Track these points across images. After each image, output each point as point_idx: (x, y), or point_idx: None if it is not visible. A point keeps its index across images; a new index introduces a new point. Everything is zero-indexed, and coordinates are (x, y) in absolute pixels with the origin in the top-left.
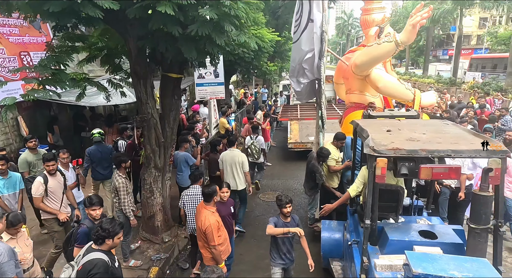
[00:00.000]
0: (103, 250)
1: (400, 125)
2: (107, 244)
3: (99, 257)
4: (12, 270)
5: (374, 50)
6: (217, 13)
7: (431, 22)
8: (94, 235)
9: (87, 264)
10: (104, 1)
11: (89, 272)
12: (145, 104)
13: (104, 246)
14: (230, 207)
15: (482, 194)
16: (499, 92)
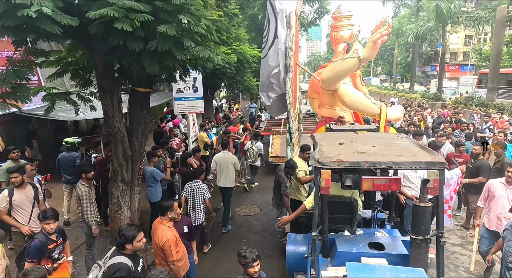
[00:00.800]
0: (127, 254)
1: (355, 139)
2: (128, 248)
3: (122, 261)
4: None
5: (338, 65)
6: (176, 30)
7: (415, 39)
8: (116, 242)
9: (111, 267)
10: (62, 17)
11: (112, 275)
12: (112, 118)
13: (126, 251)
14: (183, 226)
15: (421, 205)
16: (476, 107)
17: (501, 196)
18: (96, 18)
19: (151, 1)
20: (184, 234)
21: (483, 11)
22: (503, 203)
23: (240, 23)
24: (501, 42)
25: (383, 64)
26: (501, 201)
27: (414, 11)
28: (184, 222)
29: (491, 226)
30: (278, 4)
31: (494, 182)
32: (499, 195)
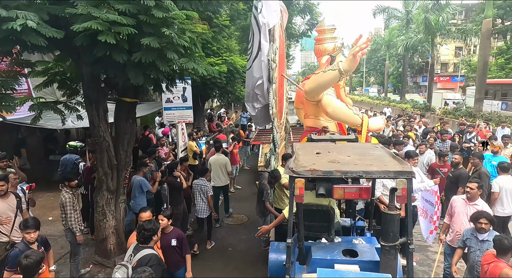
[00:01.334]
0: (151, 247)
1: (332, 149)
2: (154, 240)
3: (151, 252)
4: None
5: (320, 77)
6: (159, 42)
7: (405, 50)
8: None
9: (142, 259)
10: (47, 30)
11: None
12: (97, 128)
13: (151, 243)
14: (171, 239)
15: (389, 212)
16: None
17: (460, 212)
18: (81, 31)
19: (136, 15)
20: (172, 247)
21: (470, 24)
22: (462, 219)
23: (231, 34)
24: (487, 54)
25: (376, 74)
26: (460, 218)
27: (404, 23)
28: (174, 234)
29: (453, 243)
30: (261, 18)
31: (456, 198)
32: (458, 211)
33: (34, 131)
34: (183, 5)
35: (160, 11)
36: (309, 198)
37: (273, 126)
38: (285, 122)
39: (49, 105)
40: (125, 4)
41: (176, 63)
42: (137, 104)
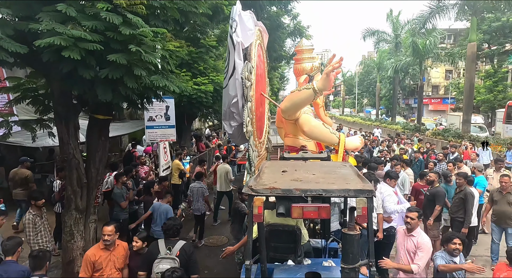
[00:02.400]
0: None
1: (300, 167)
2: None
3: (185, 242)
4: None
5: (295, 96)
6: (127, 59)
7: (395, 72)
8: (172, 231)
9: (184, 246)
10: (10, 44)
11: (192, 253)
12: (67, 145)
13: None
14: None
15: (349, 233)
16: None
17: (399, 245)
18: (47, 46)
19: (103, 32)
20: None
21: (457, 48)
22: (400, 253)
23: (219, 55)
24: (472, 76)
25: (368, 96)
26: (399, 250)
27: (394, 46)
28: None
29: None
30: (235, 37)
31: (399, 229)
32: (398, 243)
33: (14, 150)
34: (155, 23)
35: (127, 28)
36: (275, 218)
37: (249, 144)
38: (266, 141)
39: (18, 122)
40: (92, 21)
41: (146, 80)
42: (125, 122)
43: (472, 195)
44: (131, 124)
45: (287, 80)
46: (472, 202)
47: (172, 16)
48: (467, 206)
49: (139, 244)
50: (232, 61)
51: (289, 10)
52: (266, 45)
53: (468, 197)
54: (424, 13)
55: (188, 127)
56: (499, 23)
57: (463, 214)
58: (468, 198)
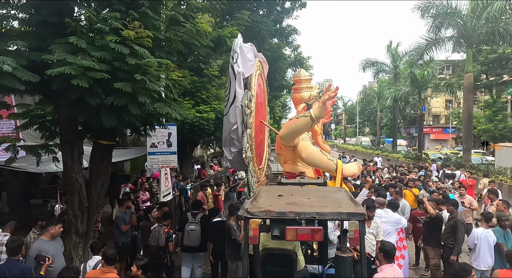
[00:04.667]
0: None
1: (295, 191)
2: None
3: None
4: None
5: (293, 123)
6: (132, 87)
7: (394, 101)
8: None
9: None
10: (23, 73)
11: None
12: (71, 169)
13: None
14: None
15: (341, 255)
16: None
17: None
18: (57, 75)
19: (111, 61)
20: None
21: (455, 79)
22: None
23: (221, 84)
24: (470, 106)
25: (370, 125)
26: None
27: (393, 77)
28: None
29: None
30: (236, 67)
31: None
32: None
33: (17, 175)
34: (160, 54)
35: (134, 58)
36: (272, 242)
37: (249, 170)
38: (266, 168)
39: (24, 147)
40: (101, 51)
41: (149, 107)
42: (128, 149)
43: (463, 223)
44: (134, 151)
45: (289, 109)
46: (463, 230)
47: (176, 48)
48: (457, 234)
49: (134, 270)
50: (233, 89)
51: (290, 42)
52: (266, 75)
53: (458, 225)
54: (421, 45)
55: (190, 154)
56: (495, 55)
57: (453, 241)
58: (458, 226)
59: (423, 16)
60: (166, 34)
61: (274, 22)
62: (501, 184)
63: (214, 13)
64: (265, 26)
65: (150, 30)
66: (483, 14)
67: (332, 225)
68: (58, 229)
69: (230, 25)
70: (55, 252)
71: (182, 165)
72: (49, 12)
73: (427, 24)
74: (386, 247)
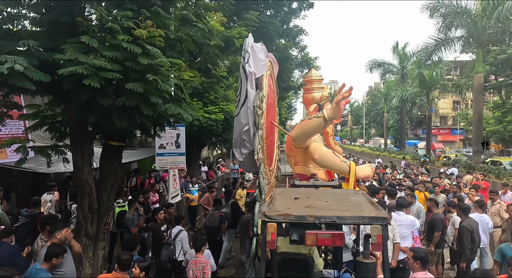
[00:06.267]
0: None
1: (312, 194)
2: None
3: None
4: None
5: (305, 124)
6: (144, 87)
7: (400, 101)
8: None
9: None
10: (35, 73)
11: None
12: (81, 171)
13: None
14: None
15: (364, 261)
16: None
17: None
18: (68, 75)
19: (123, 61)
20: None
21: (463, 79)
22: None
23: (229, 85)
24: (480, 107)
25: (376, 127)
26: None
27: (400, 77)
28: None
29: None
30: (247, 67)
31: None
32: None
33: (27, 176)
34: (171, 53)
35: (146, 58)
36: (287, 246)
37: (260, 172)
38: (275, 170)
39: (34, 148)
40: (113, 51)
41: (161, 107)
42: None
43: (468, 229)
44: (141, 152)
45: (295, 110)
46: (468, 236)
47: (187, 48)
48: (462, 240)
49: (137, 271)
50: (244, 90)
51: (297, 42)
52: (276, 76)
53: (462, 231)
54: (429, 45)
55: (197, 156)
56: (505, 56)
57: (460, 247)
58: (462, 232)
59: (432, 16)
60: (177, 33)
61: (281, 22)
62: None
63: (221, 13)
64: (272, 26)
65: (161, 29)
66: (494, 14)
67: (347, 228)
68: (65, 232)
69: (238, 25)
70: (66, 257)
71: (190, 166)
72: (61, 11)
73: (437, 23)
74: (421, 254)
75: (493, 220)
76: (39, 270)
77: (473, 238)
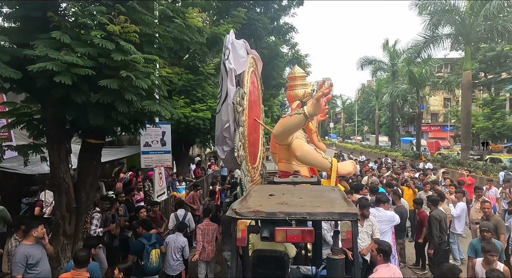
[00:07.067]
0: None
1: (287, 191)
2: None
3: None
4: None
5: (286, 121)
6: (118, 84)
7: (391, 98)
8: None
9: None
10: (4, 70)
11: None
12: (58, 169)
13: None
14: None
15: (333, 257)
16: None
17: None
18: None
19: (96, 58)
20: None
21: (453, 77)
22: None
23: (217, 82)
24: (469, 104)
25: (369, 124)
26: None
27: (391, 75)
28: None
29: None
30: (227, 64)
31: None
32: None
33: (10, 176)
34: (150, 50)
35: (119, 54)
36: (264, 243)
37: (241, 169)
38: (260, 167)
39: (11, 146)
40: (86, 47)
41: (138, 104)
42: (123, 148)
43: (436, 218)
44: (128, 150)
45: (288, 108)
46: (436, 225)
47: (168, 44)
48: (431, 228)
49: (116, 272)
50: (225, 87)
51: (287, 40)
52: (260, 73)
53: (431, 220)
54: (419, 42)
55: (186, 154)
56: (493, 53)
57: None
58: (431, 221)
59: (421, 14)
60: (155, 29)
61: (271, 20)
62: None
63: (210, 11)
64: (261, 23)
65: (140, 25)
66: (481, 11)
67: (328, 225)
68: (41, 230)
69: (226, 23)
70: (41, 256)
71: (178, 164)
72: (33, 6)
73: (424, 21)
74: (384, 247)
75: (476, 216)
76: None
77: (441, 227)
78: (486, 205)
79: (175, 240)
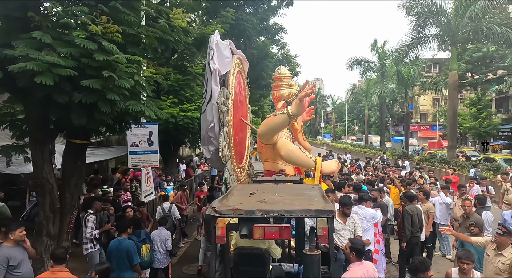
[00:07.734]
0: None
1: (269, 189)
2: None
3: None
4: None
5: (270, 121)
6: (101, 84)
7: (379, 98)
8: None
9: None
10: None
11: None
12: (41, 169)
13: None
14: None
15: (309, 253)
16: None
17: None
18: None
19: (78, 58)
20: None
21: (441, 77)
22: None
23: None
24: (455, 104)
25: (359, 123)
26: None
27: (380, 75)
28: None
29: None
30: (212, 64)
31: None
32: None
33: None
34: (133, 50)
35: (102, 54)
36: (246, 241)
37: (226, 169)
38: (247, 167)
39: None
40: (68, 47)
41: (121, 104)
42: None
43: (409, 212)
44: (116, 150)
45: None
46: (409, 219)
47: (152, 44)
48: (404, 222)
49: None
50: (210, 87)
51: (277, 40)
52: (247, 73)
53: (404, 214)
54: (406, 43)
55: (175, 154)
56: (480, 54)
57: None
58: (404, 215)
59: (408, 15)
60: (138, 29)
61: (260, 20)
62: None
63: (199, 11)
64: (250, 24)
65: (124, 25)
66: (467, 13)
67: (312, 222)
68: (19, 233)
69: (214, 23)
70: (23, 258)
71: (167, 165)
72: (14, 6)
73: (411, 22)
74: (357, 246)
75: (459, 213)
76: (120, 239)
77: (413, 221)
78: (466, 203)
79: (159, 234)
